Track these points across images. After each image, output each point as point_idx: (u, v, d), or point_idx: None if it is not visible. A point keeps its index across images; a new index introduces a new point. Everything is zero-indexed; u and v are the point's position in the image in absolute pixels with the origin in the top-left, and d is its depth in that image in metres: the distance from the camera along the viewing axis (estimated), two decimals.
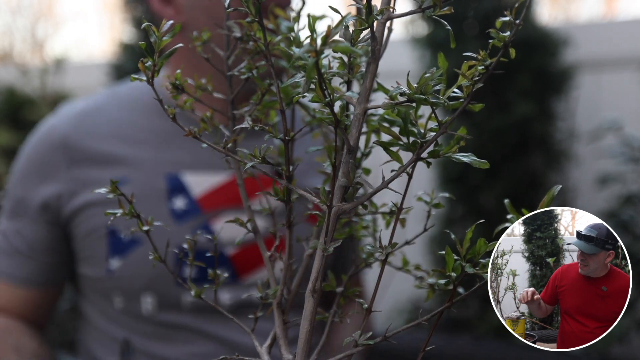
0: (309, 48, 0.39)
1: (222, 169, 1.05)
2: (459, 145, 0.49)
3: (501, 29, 0.47)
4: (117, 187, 1.01)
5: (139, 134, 1.07)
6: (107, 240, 1.04)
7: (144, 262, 1.03)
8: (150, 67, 0.49)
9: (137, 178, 1.04)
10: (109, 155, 1.05)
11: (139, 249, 1.03)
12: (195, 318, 1.04)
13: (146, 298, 1.04)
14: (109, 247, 1.04)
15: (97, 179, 1.04)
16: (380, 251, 0.50)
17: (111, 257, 1.03)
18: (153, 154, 1.06)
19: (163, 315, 1.04)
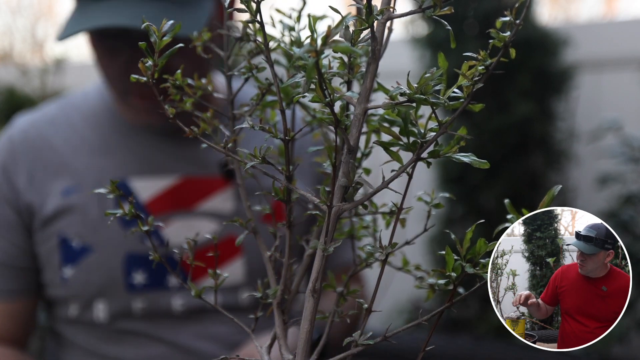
0: (309, 48, 0.39)
1: (168, 173, 1.06)
2: (459, 145, 0.49)
3: (501, 29, 0.47)
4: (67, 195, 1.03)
5: (88, 142, 1.08)
6: (60, 249, 1.04)
7: (95, 270, 1.03)
8: (151, 67, 0.49)
9: (87, 186, 1.05)
10: (59, 165, 1.06)
11: (90, 257, 1.03)
12: (147, 323, 1.05)
13: (98, 305, 1.04)
14: (61, 255, 1.04)
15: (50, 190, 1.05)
16: (380, 251, 0.50)
17: (64, 266, 1.04)
18: (101, 161, 1.06)
19: (115, 321, 1.05)
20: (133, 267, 1.03)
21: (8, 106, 3.27)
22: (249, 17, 0.49)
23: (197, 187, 1.06)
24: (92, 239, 1.03)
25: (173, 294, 1.05)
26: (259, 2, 0.48)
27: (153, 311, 1.04)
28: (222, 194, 1.07)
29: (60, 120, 1.11)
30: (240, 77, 0.56)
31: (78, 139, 1.08)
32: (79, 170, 1.06)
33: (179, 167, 1.07)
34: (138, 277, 1.03)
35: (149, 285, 1.04)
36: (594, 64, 2.68)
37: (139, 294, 1.04)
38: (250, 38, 0.54)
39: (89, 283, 1.03)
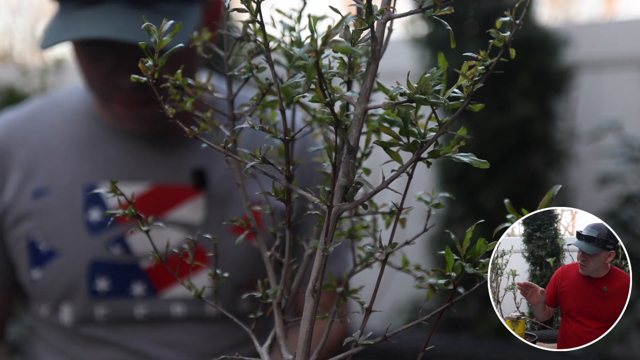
0: (310, 48, 0.39)
1: (139, 180, 1.04)
2: (459, 145, 0.49)
3: (501, 29, 0.47)
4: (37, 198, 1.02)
5: (64, 143, 1.07)
6: (28, 252, 1.04)
7: (60, 274, 1.03)
8: (150, 67, 0.49)
9: (58, 188, 1.04)
10: (33, 165, 1.05)
11: (55, 261, 1.03)
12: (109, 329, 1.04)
13: (64, 308, 1.04)
14: (29, 258, 1.04)
15: (23, 189, 1.04)
16: (380, 251, 0.50)
17: (32, 268, 1.04)
18: (75, 164, 1.05)
19: (79, 325, 1.04)
20: (97, 273, 1.03)
21: (8, 106, 3.27)
22: (249, 17, 0.49)
23: (166, 196, 1.05)
24: (58, 243, 1.03)
25: (136, 303, 1.04)
26: (259, 2, 0.48)
27: (115, 318, 1.04)
28: (192, 203, 1.05)
29: (40, 118, 1.10)
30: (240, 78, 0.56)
31: (55, 139, 1.07)
32: (52, 172, 1.05)
33: (150, 174, 1.05)
34: (101, 283, 1.03)
35: (112, 292, 1.03)
36: (593, 64, 2.69)
37: (102, 300, 1.03)
38: (250, 38, 0.53)
39: (55, 286, 1.03)
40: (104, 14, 0.91)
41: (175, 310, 1.05)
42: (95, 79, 0.98)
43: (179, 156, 1.07)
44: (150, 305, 1.04)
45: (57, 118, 1.09)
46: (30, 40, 4.78)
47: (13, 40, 4.82)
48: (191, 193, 1.05)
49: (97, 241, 1.03)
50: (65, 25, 0.93)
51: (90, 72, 0.99)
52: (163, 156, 1.07)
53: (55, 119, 1.09)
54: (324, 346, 0.52)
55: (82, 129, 1.08)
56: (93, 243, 1.03)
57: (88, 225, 1.03)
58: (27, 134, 1.08)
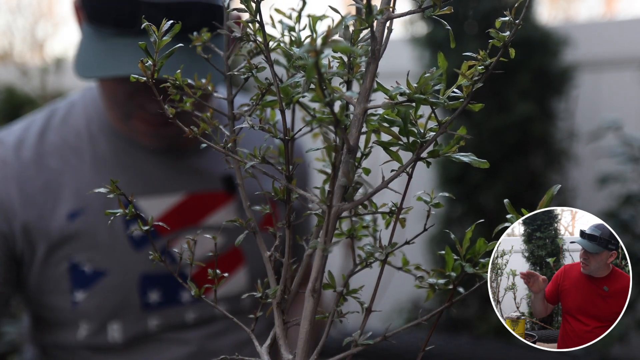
0: (309, 48, 0.39)
1: (172, 192, 1.05)
2: (459, 145, 0.49)
3: (501, 29, 0.47)
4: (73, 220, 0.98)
5: (86, 161, 1.04)
6: (70, 275, 1.02)
7: (109, 292, 1.02)
8: (150, 66, 0.49)
9: (92, 208, 1.01)
10: (59, 186, 1.02)
11: (102, 280, 1.02)
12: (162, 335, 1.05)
13: (112, 326, 1.03)
14: (72, 281, 1.02)
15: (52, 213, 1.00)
16: (380, 251, 0.50)
17: (75, 291, 1.02)
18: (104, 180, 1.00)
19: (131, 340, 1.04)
20: (148, 287, 1.03)
21: (8, 106, 3.27)
22: (249, 16, 0.49)
23: (201, 203, 1.06)
24: (104, 263, 1.02)
25: (187, 308, 1.06)
26: (259, 2, 0.48)
27: (168, 326, 1.05)
28: (226, 207, 1.07)
29: (49, 137, 1.06)
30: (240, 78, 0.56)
31: (75, 157, 1.04)
32: (81, 192, 1.02)
33: (182, 184, 1.06)
34: (153, 295, 1.03)
35: (164, 302, 1.04)
36: (593, 63, 2.69)
37: (154, 311, 1.04)
38: (250, 38, 0.53)
39: (103, 306, 1.02)
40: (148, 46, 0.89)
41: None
42: (120, 97, 0.97)
43: (207, 164, 1.08)
44: (199, 309, 1.06)
45: (70, 136, 1.06)
46: (30, 40, 4.78)
47: (13, 40, 4.82)
48: (224, 198, 1.07)
49: (143, 255, 1.03)
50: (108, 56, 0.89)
51: (115, 91, 0.97)
52: (191, 165, 1.07)
53: (69, 138, 1.06)
54: None
55: (103, 145, 1.05)
56: (139, 258, 1.02)
57: (131, 241, 1.02)
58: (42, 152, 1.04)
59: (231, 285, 1.08)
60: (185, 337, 1.06)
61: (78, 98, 1.11)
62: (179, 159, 1.07)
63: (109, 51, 0.90)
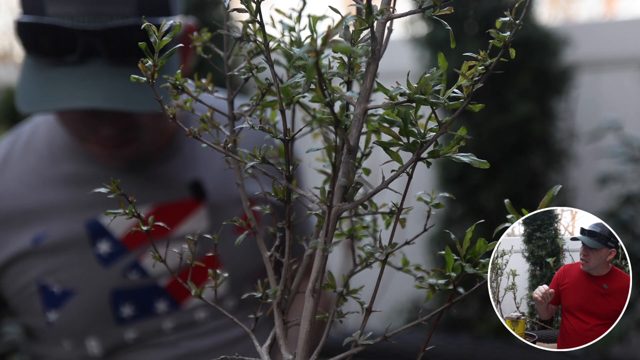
0: (309, 48, 0.39)
1: (139, 205, 1.02)
2: (459, 146, 0.49)
3: (501, 29, 0.47)
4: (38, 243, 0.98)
5: (50, 183, 1.03)
6: (40, 296, 1.01)
7: (81, 311, 1.01)
8: (150, 67, 0.49)
9: (57, 230, 1.01)
10: (22, 214, 1.01)
11: (73, 299, 1.01)
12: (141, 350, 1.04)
13: (90, 342, 1.03)
14: (43, 302, 1.02)
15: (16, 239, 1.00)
16: (380, 251, 0.50)
17: (47, 311, 1.02)
18: (67, 202, 1.02)
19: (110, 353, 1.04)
20: (120, 301, 1.02)
21: (8, 106, 3.27)
22: (249, 17, 0.49)
23: (169, 213, 1.04)
24: (72, 282, 1.01)
25: (163, 319, 1.05)
26: (259, 2, 0.48)
27: (145, 337, 1.05)
28: (196, 215, 1.06)
29: (13, 163, 1.05)
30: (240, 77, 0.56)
31: (37, 180, 1.03)
32: (45, 215, 1.01)
33: (148, 196, 1.04)
34: (126, 310, 1.03)
35: (138, 315, 1.04)
36: (593, 64, 2.69)
37: (129, 325, 1.03)
38: (250, 38, 0.53)
39: (76, 323, 1.02)
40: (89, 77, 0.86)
41: (199, 315, 1.07)
42: (71, 123, 0.95)
43: (172, 172, 1.06)
44: (176, 318, 1.05)
45: (32, 160, 1.05)
46: None
47: (13, 40, 4.82)
48: (192, 206, 1.06)
49: (112, 272, 1.02)
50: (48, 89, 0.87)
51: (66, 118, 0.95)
52: (156, 176, 1.06)
53: (30, 159, 1.05)
54: None
55: (65, 166, 1.04)
56: (109, 275, 1.01)
57: (99, 259, 1.02)
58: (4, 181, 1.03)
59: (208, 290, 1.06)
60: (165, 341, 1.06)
61: (42, 119, 1.09)
62: (143, 171, 1.05)
63: (49, 83, 0.88)
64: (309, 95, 0.48)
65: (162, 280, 1.04)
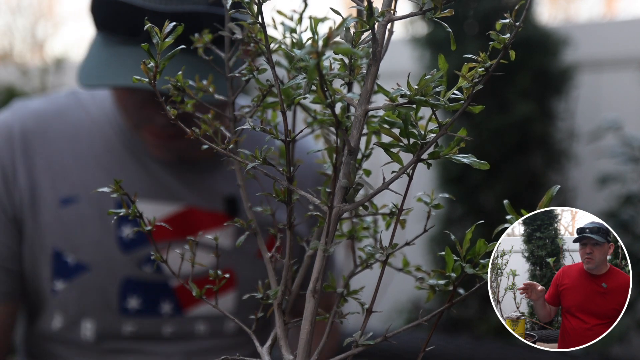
0: (311, 49, 0.39)
1: (174, 201, 1.02)
2: (459, 147, 0.49)
3: (501, 30, 0.47)
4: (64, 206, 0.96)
5: (94, 149, 1.01)
6: (52, 262, 0.99)
7: (89, 290, 0.99)
8: (153, 68, 0.49)
9: (88, 199, 0.99)
10: (60, 168, 1.00)
11: (84, 275, 0.99)
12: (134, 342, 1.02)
13: (86, 324, 1.00)
14: (54, 269, 0.99)
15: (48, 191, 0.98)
16: (380, 252, 0.50)
17: (55, 279, 0.99)
18: (107, 175, 1.00)
19: (102, 341, 1.01)
20: (129, 292, 1.00)
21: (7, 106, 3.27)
22: (251, 18, 0.49)
23: (200, 219, 1.03)
24: (88, 257, 0.99)
25: (164, 321, 1.03)
26: (261, 4, 0.48)
27: (142, 335, 1.03)
28: (224, 229, 1.04)
29: (68, 119, 1.03)
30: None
31: (84, 146, 1.02)
32: (80, 180, 0.99)
33: (185, 195, 1.03)
34: (132, 302, 1.01)
35: (142, 310, 1.02)
36: (593, 64, 2.69)
37: (130, 318, 1.02)
38: (251, 40, 0.54)
39: (81, 301, 1.00)
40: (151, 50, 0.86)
41: (199, 328, 1.05)
42: (129, 108, 0.95)
43: (213, 181, 1.05)
44: (177, 324, 1.03)
45: (85, 122, 1.03)
46: (30, 40, 4.78)
47: (13, 40, 4.82)
48: (223, 220, 1.04)
49: (129, 259, 0.99)
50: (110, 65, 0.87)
51: (125, 100, 0.95)
52: (198, 180, 1.05)
53: (84, 123, 1.03)
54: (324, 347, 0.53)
55: (113, 142, 1.02)
56: (125, 261, 0.99)
57: (120, 242, 1.00)
58: (54, 133, 1.02)
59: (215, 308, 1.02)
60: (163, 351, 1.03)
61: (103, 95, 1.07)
62: (186, 172, 1.04)
63: (112, 59, 0.88)
64: (310, 96, 0.49)
65: (173, 281, 1.02)
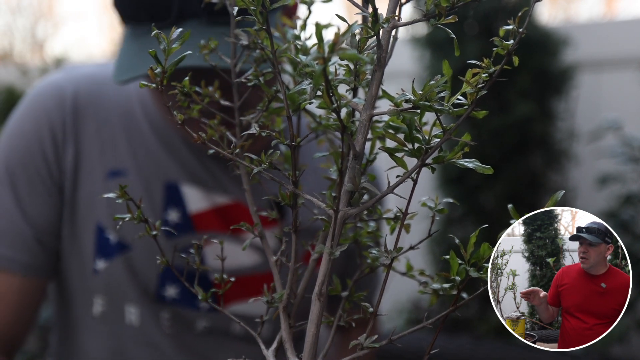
0: (317, 55, 0.40)
1: (223, 193, 0.97)
2: (463, 152, 0.49)
3: (504, 36, 0.47)
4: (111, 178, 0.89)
5: (143, 126, 0.97)
6: (95, 239, 0.94)
7: (129, 270, 0.95)
8: (160, 73, 0.50)
9: (136, 176, 0.94)
10: (110, 139, 0.95)
11: (126, 254, 0.95)
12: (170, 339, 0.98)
13: (130, 308, 0.97)
14: (96, 246, 0.95)
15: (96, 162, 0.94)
16: (385, 256, 0.51)
17: (97, 257, 0.95)
18: (156, 154, 0.96)
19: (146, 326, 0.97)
20: (167, 279, 0.96)
21: (8, 106, 3.27)
22: (257, 25, 0.49)
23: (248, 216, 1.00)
24: (130, 236, 0.94)
25: (200, 315, 0.99)
26: (267, 11, 0.48)
27: (177, 324, 0.98)
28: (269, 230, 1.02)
29: (120, 88, 0.97)
30: None
31: (133, 121, 0.96)
32: (129, 154, 0.95)
33: (235, 190, 0.98)
34: (170, 290, 0.96)
35: (179, 300, 0.97)
36: (593, 64, 2.69)
37: (167, 306, 0.97)
38: (257, 46, 0.54)
39: (122, 281, 0.95)
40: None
41: (235, 327, 1.01)
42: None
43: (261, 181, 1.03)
44: (212, 319, 0.99)
45: (133, 96, 0.98)
46: (30, 40, 4.78)
47: (13, 40, 4.82)
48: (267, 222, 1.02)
49: (169, 244, 0.94)
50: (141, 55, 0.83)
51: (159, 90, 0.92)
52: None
53: (132, 96, 0.98)
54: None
55: (160, 122, 0.97)
56: (167, 246, 0.93)
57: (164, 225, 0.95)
58: (107, 98, 0.97)
59: (253, 307, 0.97)
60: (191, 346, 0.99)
61: None
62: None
63: (142, 49, 0.83)
64: (316, 101, 0.49)
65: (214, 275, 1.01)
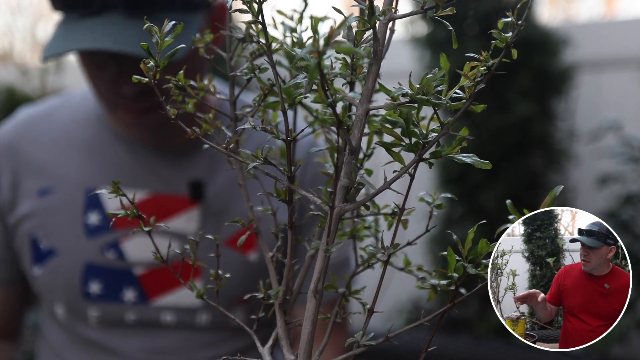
0: (312, 49, 0.39)
1: (139, 188, 1.04)
2: (461, 146, 0.49)
3: (503, 29, 0.47)
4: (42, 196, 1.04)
5: (72, 143, 1.08)
6: (30, 248, 1.06)
7: (58, 273, 1.04)
8: (152, 67, 0.49)
9: (62, 189, 1.05)
10: (42, 164, 1.07)
11: (54, 259, 1.04)
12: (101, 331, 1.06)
13: (58, 310, 1.07)
14: (32, 255, 1.06)
15: (31, 184, 1.06)
16: (382, 252, 0.50)
17: (34, 265, 1.06)
18: (80, 165, 1.06)
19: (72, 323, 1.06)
20: (90, 276, 1.04)
21: (8, 106, 3.27)
22: (251, 18, 0.49)
23: (164, 205, 1.05)
24: (57, 243, 1.05)
25: (127, 309, 1.05)
26: (261, 4, 0.48)
27: (106, 320, 1.05)
28: (188, 214, 1.06)
29: (53, 118, 1.11)
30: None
31: (64, 140, 1.09)
32: (58, 172, 1.06)
33: (149, 182, 1.06)
34: (94, 287, 1.04)
35: (104, 296, 1.04)
36: (594, 64, 2.69)
37: (94, 303, 1.05)
38: (252, 39, 0.54)
39: (52, 285, 1.05)
40: (105, 25, 0.91)
41: (165, 318, 1.06)
42: (99, 87, 1.00)
43: (179, 167, 1.08)
44: (141, 312, 1.05)
45: (68, 119, 1.11)
46: (31, 40, 4.78)
47: (13, 40, 4.81)
48: (187, 204, 1.06)
49: (93, 244, 1.03)
50: (66, 36, 0.93)
51: (94, 80, 1.00)
52: (164, 166, 1.07)
53: (67, 120, 1.11)
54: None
55: (91, 132, 1.09)
56: (89, 246, 1.04)
57: (86, 228, 1.04)
58: (40, 133, 1.09)
59: (183, 296, 1.05)
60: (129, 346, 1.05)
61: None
62: (154, 158, 1.07)
63: (66, 32, 0.94)
64: (311, 95, 0.48)
65: (138, 268, 1.04)
